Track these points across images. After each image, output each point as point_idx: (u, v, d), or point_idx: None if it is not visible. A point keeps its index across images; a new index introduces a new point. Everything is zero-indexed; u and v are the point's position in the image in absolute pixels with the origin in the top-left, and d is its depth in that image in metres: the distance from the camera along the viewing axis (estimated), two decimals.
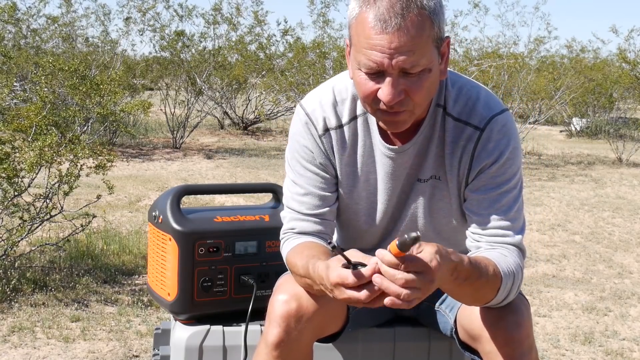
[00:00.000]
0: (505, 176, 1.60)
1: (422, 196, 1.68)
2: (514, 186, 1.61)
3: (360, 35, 1.45)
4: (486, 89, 1.67)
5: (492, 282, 1.49)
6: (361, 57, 1.45)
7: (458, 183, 1.64)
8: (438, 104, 1.62)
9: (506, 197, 1.60)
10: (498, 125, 1.59)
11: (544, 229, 5.96)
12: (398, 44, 1.41)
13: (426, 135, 1.63)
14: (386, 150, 1.64)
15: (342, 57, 11.06)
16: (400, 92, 1.45)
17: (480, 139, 1.59)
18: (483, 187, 1.60)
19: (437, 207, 1.68)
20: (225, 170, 8.83)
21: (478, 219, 1.61)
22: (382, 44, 1.41)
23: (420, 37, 1.42)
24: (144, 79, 12.91)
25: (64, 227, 4.62)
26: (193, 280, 1.98)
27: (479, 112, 1.60)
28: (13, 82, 8.32)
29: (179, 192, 2.06)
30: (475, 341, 1.62)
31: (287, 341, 1.57)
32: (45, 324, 3.34)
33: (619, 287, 4.37)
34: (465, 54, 13.10)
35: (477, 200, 1.61)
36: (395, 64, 1.42)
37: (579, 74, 13.42)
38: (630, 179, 9.18)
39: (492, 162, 1.59)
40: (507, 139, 1.59)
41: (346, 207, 1.72)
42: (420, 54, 1.43)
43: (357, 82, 1.50)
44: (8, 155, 3.72)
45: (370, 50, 1.43)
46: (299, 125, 1.68)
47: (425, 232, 1.72)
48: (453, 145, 1.62)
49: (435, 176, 1.66)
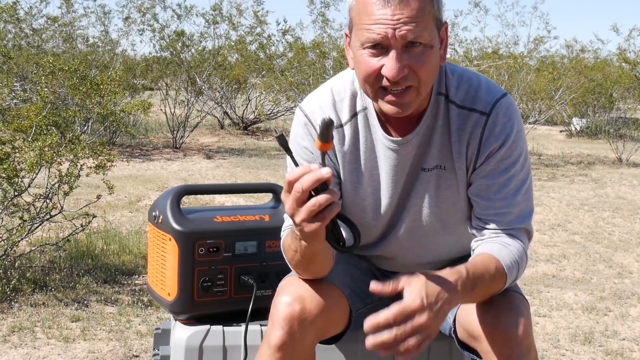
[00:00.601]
0: (512, 158, 1.61)
1: (427, 186, 1.68)
2: (520, 168, 1.62)
3: (362, 13, 1.47)
4: (484, 76, 1.69)
5: (497, 280, 1.53)
6: (364, 33, 1.47)
7: (466, 170, 1.65)
8: (439, 92, 1.63)
9: (514, 181, 1.62)
10: (503, 108, 1.61)
11: (544, 229, 5.96)
12: (401, 14, 1.44)
13: (429, 124, 1.63)
14: (389, 142, 1.64)
15: (342, 57, 11.06)
16: (404, 66, 1.47)
17: (487, 124, 1.61)
18: (491, 171, 1.62)
19: (444, 196, 1.68)
20: (225, 170, 8.83)
21: (486, 203, 1.62)
22: (385, 17, 1.44)
23: (421, 10, 1.46)
24: (144, 79, 12.91)
25: (64, 227, 4.62)
26: (193, 280, 1.98)
27: (482, 97, 1.62)
28: (13, 82, 8.32)
29: (179, 192, 2.06)
30: (474, 341, 1.62)
31: (290, 343, 1.57)
32: (45, 324, 3.34)
33: (619, 287, 4.38)
34: (465, 54, 13.10)
35: (486, 185, 1.62)
36: (399, 35, 1.44)
37: (579, 74, 13.43)
38: (630, 179, 9.18)
39: (499, 146, 1.60)
40: (511, 122, 1.61)
41: (352, 204, 1.72)
42: (422, 26, 1.46)
43: (360, 62, 1.51)
44: (8, 155, 3.72)
45: (373, 25, 1.45)
46: (299, 127, 1.68)
47: (430, 224, 1.71)
48: (459, 133, 1.63)
49: (440, 165, 1.66)
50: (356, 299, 1.77)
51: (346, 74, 1.69)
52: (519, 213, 1.62)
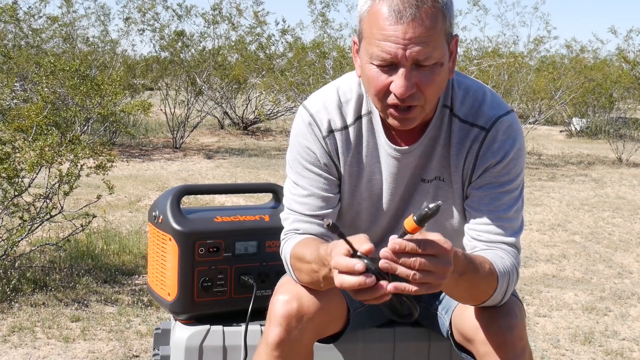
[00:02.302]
0: (509, 176, 1.60)
1: (426, 196, 1.67)
2: (516, 187, 1.62)
3: (374, 27, 1.45)
4: (491, 90, 1.68)
5: (488, 279, 1.49)
6: (374, 49, 1.45)
7: (462, 183, 1.64)
8: (445, 105, 1.62)
9: (507, 196, 1.61)
10: (504, 126, 1.60)
11: (544, 229, 5.96)
12: (413, 34, 1.41)
13: (432, 136, 1.63)
14: (392, 150, 1.64)
15: (342, 57, 11.06)
16: (412, 84, 1.45)
17: (485, 139, 1.60)
18: (486, 185, 1.61)
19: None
20: (225, 170, 8.83)
21: (477, 214, 1.62)
22: (397, 35, 1.42)
23: (434, 28, 1.43)
24: (144, 79, 12.91)
25: (64, 227, 4.62)
26: (193, 280, 1.98)
27: (485, 113, 1.61)
28: (14, 82, 8.32)
29: (179, 192, 2.06)
30: (469, 343, 1.62)
31: (287, 341, 1.57)
32: (45, 324, 3.34)
33: (619, 287, 4.38)
34: (465, 53, 13.10)
35: (479, 196, 1.62)
36: (409, 55, 1.42)
37: (578, 74, 13.42)
38: (630, 179, 9.17)
39: (496, 162, 1.60)
40: (512, 140, 1.60)
41: (349, 207, 1.72)
42: (434, 46, 1.43)
43: (368, 77, 1.49)
44: (9, 155, 3.72)
45: (384, 42, 1.43)
46: (302, 126, 1.67)
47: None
48: (459, 147, 1.62)
49: (440, 177, 1.66)
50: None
51: (353, 75, 1.68)
52: (509, 228, 1.61)
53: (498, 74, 10.81)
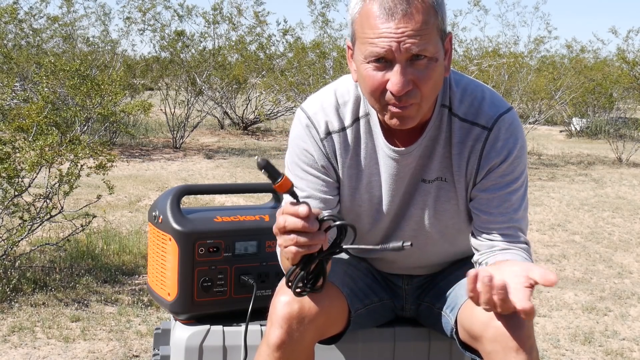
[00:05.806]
0: (514, 175, 1.61)
1: (427, 197, 1.67)
2: (521, 185, 1.62)
3: (366, 26, 1.45)
4: (489, 88, 1.67)
5: None
6: (368, 47, 1.45)
7: (466, 184, 1.64)
8: (443, 105, 1.62)
9: (515, 196, 1.61)
10: (505, 124, 1.60)
11: (544, 229, 5.97)
12: (405, 28, 1.42)
13: (432, 136, 1.63)
14: (390, 152, 1.63)
15: (342, 57, 11.06)
16: (408, 81, 1.45)
17: (488, 139, 1.60)
18: (492, 186, 1.61)
19: (443, 208, 1.68)
20: (225, 170, 8.83)
21: (488, 217, 1.62)
22: (390, 31, 1.42)
23: (426, 23, 1.43)
24: (144, 79, 12.91)
25: (64, 227, 4.62)
26: (193, 280, 1.98)
27: (485, 111, 1.60)
28: (14, 82, 8.32)
29: (179, 192, 2.06)
30: (475, 341, 1.62)
31: (288, 343, 1.57)
32: (45, 324, 3.34)
33: (619, 287, 4.38)
34: (465, 53, 13.10)
35: (487, 199, 1.61)
36: (403, 48, 1.42)
37: (579, 74, 13.43)
38: (630, 179, 9.18)
39: (500, 161, 1.60)
40: (514, 138, 1.60)
41: (348, 210, 1.72)
42: (427, 39, 1.44)
43: (364, 77, 1.49)
44: (9, 155, 3.72)
45: (377, 39, 1.43)
46: (300, 128, 1.67)
47: (429, 233, 1.72)
48: (460, 146, 1.62)
49: (441, 177, 1.65)
50: (355, 299, 1.77)
51: (350, 77, 1.67)
52: (519, 228, 1.62)
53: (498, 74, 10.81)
